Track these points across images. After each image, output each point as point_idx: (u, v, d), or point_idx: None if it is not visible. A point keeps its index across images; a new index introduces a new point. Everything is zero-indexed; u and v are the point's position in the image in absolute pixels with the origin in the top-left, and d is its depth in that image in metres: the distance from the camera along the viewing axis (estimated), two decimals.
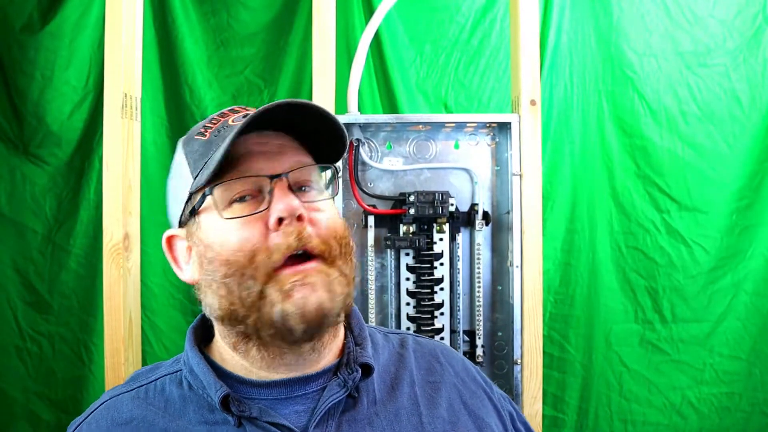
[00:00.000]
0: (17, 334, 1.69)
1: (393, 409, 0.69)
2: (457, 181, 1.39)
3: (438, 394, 0.72)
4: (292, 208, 0.63)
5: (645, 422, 1.74)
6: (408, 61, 1.74)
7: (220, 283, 0.64)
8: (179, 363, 0.72)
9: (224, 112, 0.72)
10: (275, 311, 0.61)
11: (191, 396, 0.68)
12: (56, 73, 1.67)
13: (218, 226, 0.65)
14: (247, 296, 0.62)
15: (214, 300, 0.65)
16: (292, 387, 0.67)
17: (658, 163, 1.72)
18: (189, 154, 0.69)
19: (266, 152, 0.67)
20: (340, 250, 0.66)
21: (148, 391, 0.70)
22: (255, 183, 0.65)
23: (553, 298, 1.74)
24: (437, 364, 0.76)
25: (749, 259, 1.72)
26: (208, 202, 0.66)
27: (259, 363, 0.67)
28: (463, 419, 0.71)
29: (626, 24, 1.72)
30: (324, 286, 0.63)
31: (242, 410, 0.65)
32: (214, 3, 1.72)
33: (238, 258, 0.63)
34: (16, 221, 1.69)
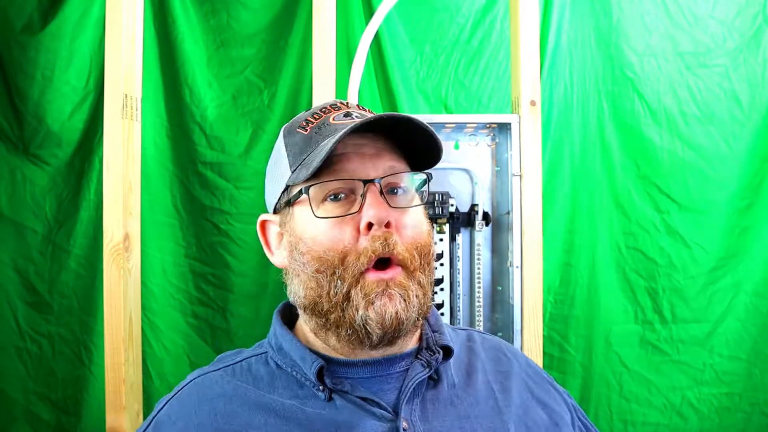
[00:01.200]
0: (17, 335, 1.69)
1: (471, 392, 0.73)
2: (457, 181, 1.39)
3: (509, 382, 0.77)
4: (382, 216, 0.67)
5: (645, 422, 1.74)
6: (408, 61, 1.74)
7: (311, 276, 0.68)
8: (263, 347, 0.77)
9: (327, 107, 0.75)
10: (358, 315, 0.66)
11: (279, 374, 0.72)
12: (56, 74, 1.67)
13: (311, 221, 0.69)
14: (335, 294, 0.67)
15: (300, 289, 0.70)
16: (377, 367, 0.71)
17: (658, 163, 1.72)
18: (289, 145, 0.73)
19: (362, 154, 0.70)
20: (421, 261, 0.70)
21: (235, 370, 0.74)
22: (349, 184, 0.69)
23: (553, 298, 1.74)
24: (504, 357, 0.81)
25: (749, 260, 1.72)
26: (303, 198, 0.69)
27: (340, 350, 0.71)
28: (533, 406, 0.76)
29: (626, 24, 1.72)
30: (402, 297, 0.67)
31: (335, 383, 0.69)
32: (214, 3, 1.72)
33: (330, 257, 0.67)
34: (16, 221, 1.69)
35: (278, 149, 0.75)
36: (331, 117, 0.72)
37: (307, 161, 0.69)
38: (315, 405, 0.68)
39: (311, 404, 0.68)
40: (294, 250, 0.71)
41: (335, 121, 0.71)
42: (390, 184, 0.70)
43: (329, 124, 0.71)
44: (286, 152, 0.73)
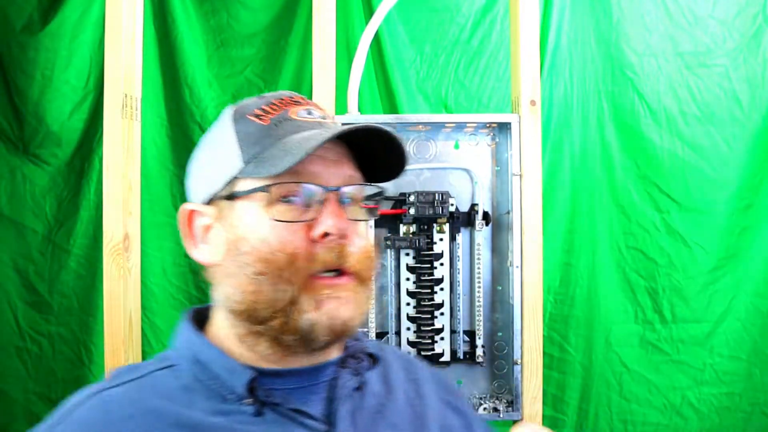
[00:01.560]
0: (17, 335, 1.69)
1: (393, 399, 0.71)
2: (457, 181, 1.39)
3: (422, 389, 0.76)
4: (342, 227, 0.63)
5: (645, 423, 1.74)
6: (408, 61, 1.74)
7: (251, 278, 0.62)
8: (168, 359, 0.68)
9: (284, 98, 0.69)
10: (304, 319, 0.61)
11: (197, 387, 0.64)
12: (56, 73, 1.67)
13: (260, 221, 0.63)
14: (280, 299, 0.62)
15: (236, 292, 0.63)
16: (305, 376, 0.67)
17: (658, 163, 1.72)
18: (241, 133, 0.66)
19: (325, 158, 0.65)
20: (370, 273, 0.67)
21: (142, 385, 0.65)
22: (308, 189, 0.64)
23: (553, 298, 1.74)
24: (410, 365, 0.80)
25: (749, 259, 1.72)
26: (255, 195, 0.63)
27: (268, 357, 0.65)
28: (447, 411, 0.76)
29: (626, 24, 1.72)
30: (353, 302, 0.64)
31: (268, 396, 0.63)
32: (214, 3, 1.72)
33: (278, 259, 0.61)
34: (16, 221, 1.69)
35: (223, 136, 0.67)
36: (291, 111, 0.67)
37: (267, 156, 0.63)
38: (243, 420, 0.62)
39: (238, 420, 0.62)
40: (233, 249, 0.64)
41: (298, 117, 0.66)
42: (347, 195, 0.66)
43: (291, 119, 0.66)
44: (237, 140, 0.65)
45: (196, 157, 0.71)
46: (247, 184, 0.64)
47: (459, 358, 1.36)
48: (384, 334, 1.37)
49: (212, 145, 0.69)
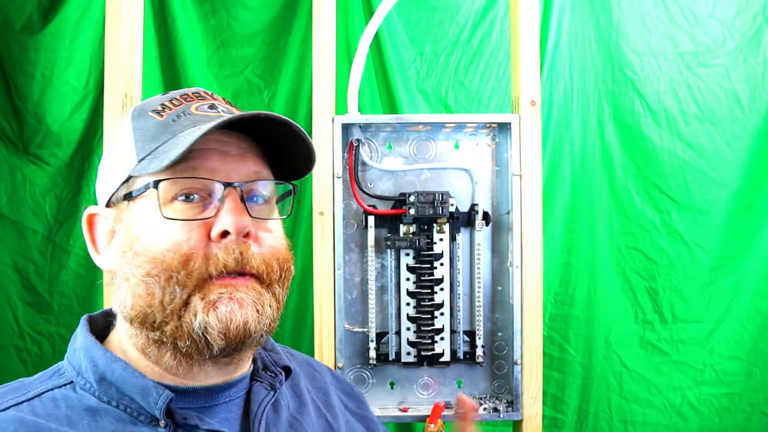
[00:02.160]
0: (17, 335, 1.69)
1: (305, 412, 0.69)
2: (457, 181, 1.39)
3: (329, 398, 0.75)
4: (242, 225, 0.58)
5: (645, 423, 1.74)
6: (408, 61, 1.74)
7: (140, 280, 0.57)
8: (63, 376, 0.61)
9: (188, 94, 0.65)
10: (196, 322, 0.56)
11: (103, 409, 0.58)
12: (56, 73, 1.67)
13: (154, 219, 0.58)
14: (170, 302, 0.56)
15: (128, 297, 0.58)
16: (216, 394, 0.62)
17: (658, 163, 1.72)
18: (138, 130, 0.61)
19: (225, 153, 0.60)
20: (280, 274, 0.61)
21: (35, 407, 0.57)
22: (206, 185, 0.59)
23: (553, 298, 1.74)
24: (316, 372, 0.78)
25: (749, 259, 1.72)
26: (149, 193, 0.59)
27: (175, 370, 0.60)
28: (352, 420, 0.75)
29: (626, 24, 1.72)
30: (253, 305, 0.58)
31: (185, 417, 0.58)
32: (214, 3, 1.72)
33: (168, 259, 0.56)
34: (16, 221, 1.69)
35: (122, 135, 0.62)
36: (194, 106, 0.63)
37: (160, 151, 0.58)
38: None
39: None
40: (127, 251, 0.58)
41: (198, 112, 0.62)
42: (251, 191, 0.61)
43: (191, 114, 0.61)
44: (133, 138, 0.61)
45: (101, 159, 0.66)
46: (141, 181, 0.59)
47: (459, 358, 1.36)
48: (384, 334, 1.37)
49: (111, 144, 0.65)
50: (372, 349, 1.35)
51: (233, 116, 0.58)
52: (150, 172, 0.57)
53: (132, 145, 0.61)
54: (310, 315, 1.35)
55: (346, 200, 1.35)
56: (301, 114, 1.71)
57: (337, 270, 1.31)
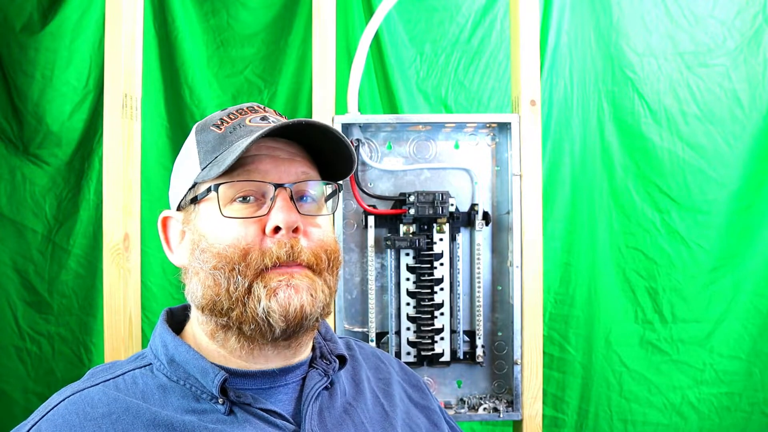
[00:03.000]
0: (17, 335, 1.69)
1: (361, 400, 0.74)
2: (457, 181, 1.39)
3: (390, 388, 0.79)
4: (291, 221, 0.65)
5: (645, 422, 1.74)
6: (408, 61, 1.74)
7: (209, 273, 0.65)
8: (145, 358, 0.71)
9: (244, 108, 0.73)
10: (260, 307, 0.64)
11: (172, 387, 0.67)
12: (56, 73, 1.67)
13: (217, 219, 0.67)
14: (235, 290, 0.64)
15: (198, 288, 0.67)
16: (274, 377, 0.69)
17: (658, 163, 1.72)
18: (201, 142, 0.71)
19: (276, 158, 0.69)
20: (329, 264, 0.69)
21: (119, 384, 0.67)
22: (260, 187, 0.67)
23: (553, 298, 1.74)
24: (381, 364, 0.83)
25: (749, 259, 1.72)
26: (211, 196, 0.67)
27: (238, 353, 0.68)
28: (413, 410, 0.79)
29: (626, 24, 1.72)
30: (308, 290, 0.66)
31: (239, 396, 0.65)
32: (214, 3, 1.72)
33: (230, 253, 0.65)
34: (16, 221, 1.69)
35: (188, 146, 0.73)
36: (248, 119, 0.71)
37: (219, 159, 0.67)
38: (215, 419, 0.64)
39: (211, 419, 0.64)
40: (196, 248, 0.68)
41: (251, 123, 0.70)
42: (300, 191, 0.69)
43: (245, 126, 0.70)
44: (197, 149, 0.70)
45: (174, 169, 0.76)
46: (204, 186, 0.69)
47: (459, 358, 1.36)
48: (384, 334, 1.37)
49: (182, 156, 0.74)
50: None
51: (276, 125, 0.66)
52: (211, 178, 0.66)
53: (196, 155, 0.70)
54: None
55: (346, 200, 1.35)
56: (301, 114, 1.71)
57: None
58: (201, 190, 0.69)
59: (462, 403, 1.37)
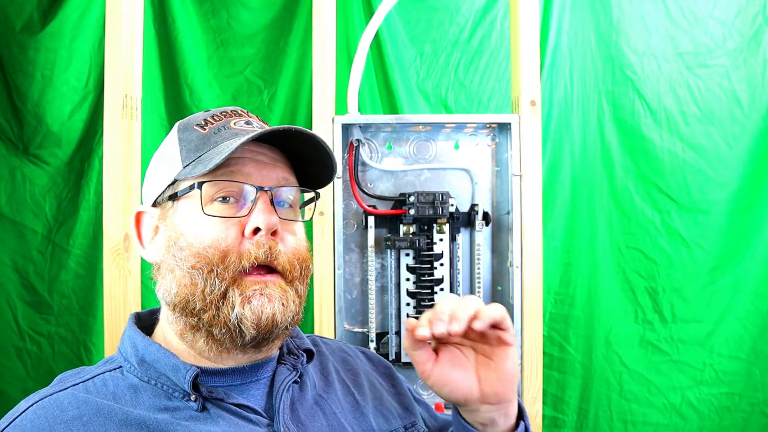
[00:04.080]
0: (17, 335, 1.69)
1: (331, 391, 0.75)
2: (457, 181, 1.39)
3: (359, 378, 0.80)
4: (271, 223, 0.67)
5: (645, 422, 1.74)
6: (408, 61, 1.74)
7: (186, 272, 0.66)
8: (114, 362, 0.70)
9: (228, 111, 0.74)
10: (233, 314, 0.65)
11: (143, 387, 0.67)
12: (56, 73, 1.67)
13: (196, 218, 0.67)
14: (210, 293, 0.65)
15: (172, 285, 0.67)
16: (245, 374, 0.70)
17: (658, 163, 1.72)
18: (184, 141, 0.72)
19: (258, 162, 0.70)
20: (300, 272, 0.70)
21: (88, 387, 0.67)
22: (241, 188, 0.68)
23: (553, 298, 1.74)
24: (347, 356, 0.85)
25: (749, 259, 1.72)
26: (192, 194, 0.68)
27: (207, 354, 0.69)
28: (384, 396, 0.80)
29: (626, 24, 1.72)
30: (280, 299, 0.67)
31: (211, 392, 0.66)
32: (214, 3, 1.72)
33: (210, 254, 0.65)
34: (16, 221, 1.69)
35: (169, 144, 0.73)
36: (232, 122, 0.72)
37: (204, 158, 0.68)
38: (188, 416, 0.64)
39: (184, 415, 0.64)
40: (172, 245, 0.68)
41: (236, 126, 0.71)
42: (279, 198, 0.71)
43: (230, 128, 0.71)
44: (179, 147, 0.71)
45: (150, 165, 0.76)
46: (186, 183, 0.69)
47: None
48: (384, 334, 1.37)
49: (160, 153, 0.74)
50: (372, 349, 1.35)
51: (266, 130, 0.67)
52: (194, 176, 0.67)
53: (177, 153, 0.71)
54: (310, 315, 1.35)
55: (346, 200, 1.35)
56: (301, 114, 1.71)
57: (337, 270, 1.31)
58: (182, 187, 0.69)
59: None
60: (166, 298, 0.68)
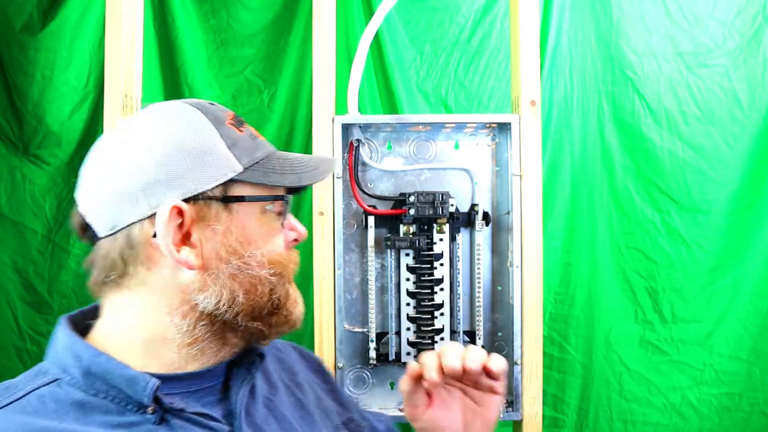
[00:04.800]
0: (17, 335, 1.69)
1: (276, 393, 0.74)
2: (457, 181, 1.39)
3: (297, 377, 0.80)
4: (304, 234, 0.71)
5: (645, 422, 1.73)
6: (408, 61, 1.74)
7: (263, 278, 0.65)
8: (47, 374, 0.62)
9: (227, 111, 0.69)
10: (297, 310, 0.69)
11: (90, 402, 0.60)
12: (56, 73, 1.67)
13: (262, 224, 0.67)
14: (282, 294, 0.67)
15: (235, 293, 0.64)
16: (201, 378, 0.66)
17: (658, 163, 1.72)
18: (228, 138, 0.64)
19: None
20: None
21: (24, 407, 0.58)
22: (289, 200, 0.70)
23: (553, 298, 1.74)
24: (281, 354, 0.83)
25: (749, 259, 1.72)
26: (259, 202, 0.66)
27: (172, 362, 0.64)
28: (320, 393, 0.80)
29: (626, 24, 1.71)
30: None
31: (171, 402, 0.61)
32: (214, 3, 1.72)
33: (284, 260, 0.68)
34: (16, 221, 1.69)
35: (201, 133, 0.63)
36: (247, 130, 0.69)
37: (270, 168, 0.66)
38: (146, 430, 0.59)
39: (142, 430, 0.59)
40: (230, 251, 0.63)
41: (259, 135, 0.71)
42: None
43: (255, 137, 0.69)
44: (225, 144, 0.64)
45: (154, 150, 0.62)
46: (247, 189, 0.65)
47: None
48: (384, 334, 1.37)
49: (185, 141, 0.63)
50: (372, 349, 1.35)
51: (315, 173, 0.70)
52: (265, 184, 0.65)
53: (226, 150, 0.64)
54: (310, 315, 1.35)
55: (346, 200, 1.35)
56: (301, 114, 1.71)
57: (337, 270, 1.31)
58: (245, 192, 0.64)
59: None
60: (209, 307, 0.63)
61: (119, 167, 0.62)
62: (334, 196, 1.31)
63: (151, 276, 0.63)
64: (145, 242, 0.62)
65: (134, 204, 0.61)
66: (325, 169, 0.70)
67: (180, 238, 0.62)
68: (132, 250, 0.63)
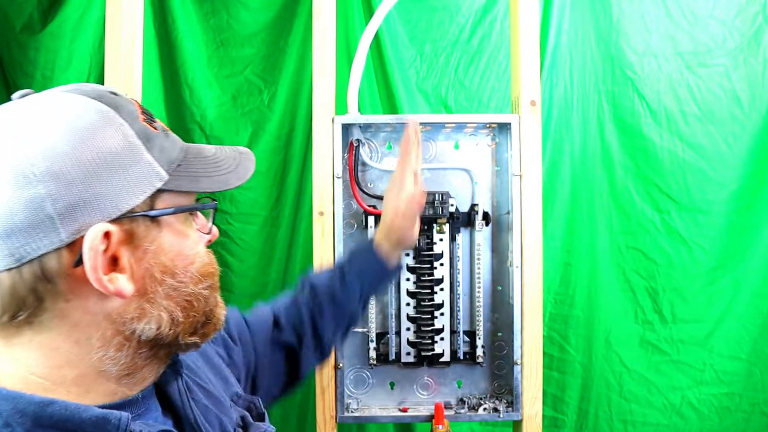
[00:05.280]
0: None
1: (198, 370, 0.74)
2: (457, 181, 1.39)
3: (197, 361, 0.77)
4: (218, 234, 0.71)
5: (645, 423, 1.74)
6: (408, 61, 1.74)
7: (198, 293, 0.59)
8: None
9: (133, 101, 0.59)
10: (222, 313, 0.65)
11: None
12: (56, 73, 1.67)
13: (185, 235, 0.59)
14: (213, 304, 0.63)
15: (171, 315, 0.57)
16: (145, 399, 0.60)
17: (658, 163, 1.72)
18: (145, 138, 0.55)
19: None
20: None
21: None
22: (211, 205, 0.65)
23: (553, 298, 1.74)
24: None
25: (749, 259, 1.72)
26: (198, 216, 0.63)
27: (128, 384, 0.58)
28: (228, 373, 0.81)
29: (626, 24, 1.71)
30: None
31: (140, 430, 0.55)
32: (214, 3, 1.72)
33: (214, 270, 0.63)
34: None
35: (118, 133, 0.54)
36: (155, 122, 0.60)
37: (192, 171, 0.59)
38: None
39: None
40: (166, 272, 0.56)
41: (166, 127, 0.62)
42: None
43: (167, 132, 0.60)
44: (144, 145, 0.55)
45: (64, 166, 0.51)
46: (173, 198, 0.57)
47: (459, 358, 1.36)
48: (384, 334, 1.37)
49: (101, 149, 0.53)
50: (372, 349, 1.35)
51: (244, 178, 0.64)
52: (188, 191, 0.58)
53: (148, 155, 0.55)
54: None
55: (346, 200, 1.35)
56: (301, 114, 1.71)
57: None
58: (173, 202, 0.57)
59: (462, 404, 1.37)
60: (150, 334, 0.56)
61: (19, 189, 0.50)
62: (334, 196, 1.31)
63: (71, 309, 0.53)
64: (64, 273, 0.51)
65: (48, 231, 0.50)
66: (247, 165, 0.64)
67: (106, 264, 0.52)
68: (48, 284, 0.51)
